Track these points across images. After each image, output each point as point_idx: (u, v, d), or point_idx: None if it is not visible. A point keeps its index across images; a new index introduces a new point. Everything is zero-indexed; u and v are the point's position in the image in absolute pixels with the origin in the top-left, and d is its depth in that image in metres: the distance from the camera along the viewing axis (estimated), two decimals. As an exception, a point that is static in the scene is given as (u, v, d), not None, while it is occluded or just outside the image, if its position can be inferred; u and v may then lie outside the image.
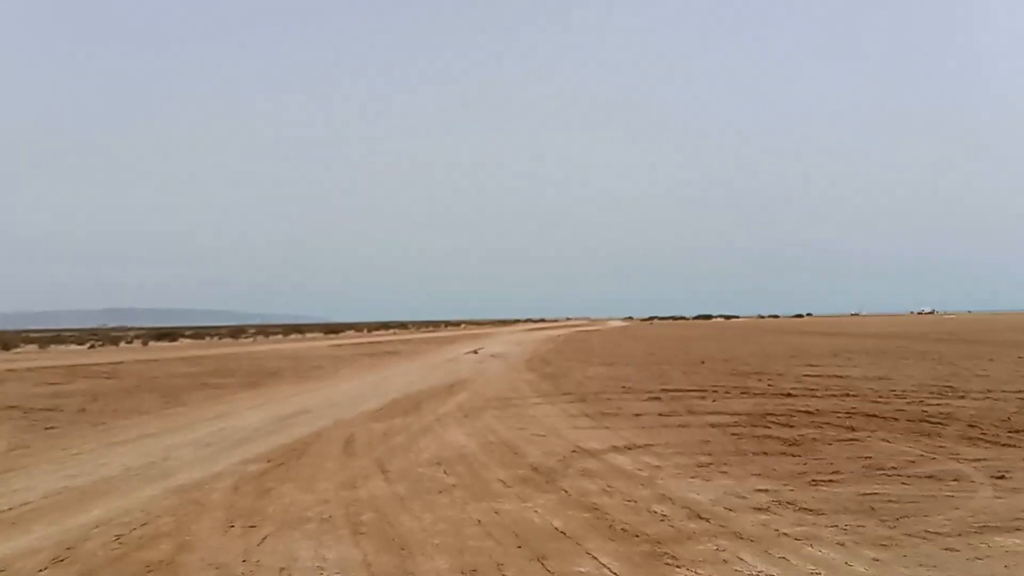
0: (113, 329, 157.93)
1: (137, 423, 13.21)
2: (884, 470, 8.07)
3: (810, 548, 5.44)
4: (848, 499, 6.87)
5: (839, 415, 12.13)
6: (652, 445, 9.83)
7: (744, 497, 7.02)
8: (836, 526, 5.98)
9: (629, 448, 9.66)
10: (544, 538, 5.85)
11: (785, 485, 7.47)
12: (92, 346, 58.88)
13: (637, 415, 12.69)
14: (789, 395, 15.02)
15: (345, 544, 5.76)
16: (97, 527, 6.37)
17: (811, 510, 6.50)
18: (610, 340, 51.63)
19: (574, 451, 9.52)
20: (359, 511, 6.78)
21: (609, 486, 7.58)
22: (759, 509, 6.58)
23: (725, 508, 6.63)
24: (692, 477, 7.91)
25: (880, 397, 14.40)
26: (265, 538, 5.93)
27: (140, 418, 13.85)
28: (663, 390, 16.47)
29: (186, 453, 10.05)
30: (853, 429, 10.80)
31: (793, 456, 8.94)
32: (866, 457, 8.77)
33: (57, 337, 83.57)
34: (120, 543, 5.89)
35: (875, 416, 11.93)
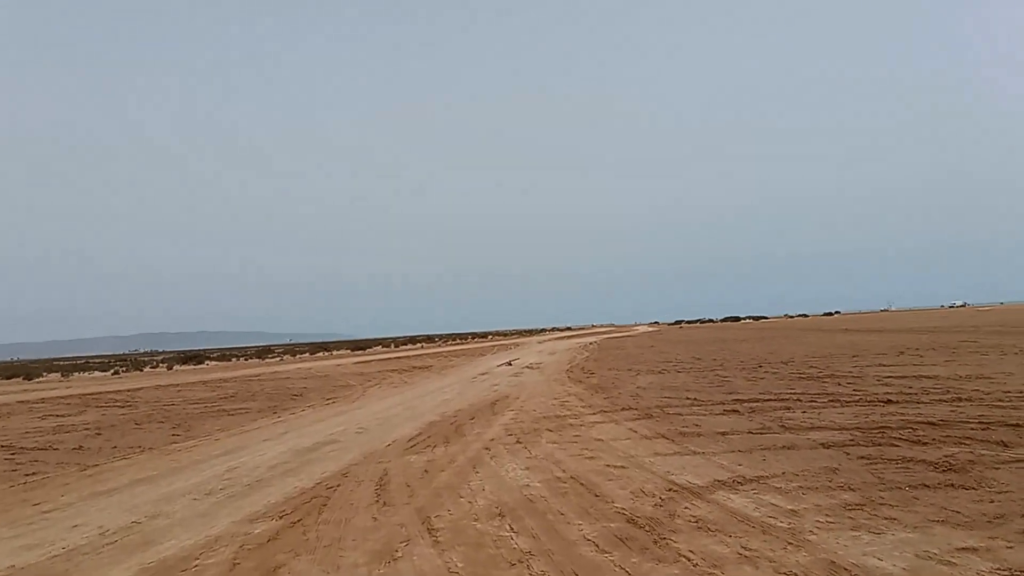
0: (143, 354, 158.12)
1: (135, 464, 11.31)
2: (1111, 507, 5.91)
3: None
4: (1112, 563, 4.72)
5: (972, 426, 9.91)
6: (766, 477, 7.72)
7: (951, 562, 4.90)
8: None
9: (739, 483, 7.55)
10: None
11: (993, 538, 5.32)
12: (116, 372, 57.62)
13: (723, 434, 10.58)
14: (889, 402, 12.78)
15: None
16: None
17: (1075, 587, 4.36)
18: (646, 346, 49.15)
19: (671, 489, 7.42)
20: (403, 605, 4.76)
21: (745, 547, 5.48)
22: (995, 588, 4.46)
23: (943, 587, 4.52)
24: (853, 529, 5.77)
25: (1000, 401, 12.12)
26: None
27: (140, 457, 11.95)
28: (736, 400, 14.30)
29: (181, 506, 8.08)
30: (1006, 445, 8.60)
31: (964, 488, 6.78)
32: (1065, 487, 6.60)
33: (84, 364, 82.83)
34: None
35: (1021, 426, 9.72)
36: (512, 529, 6.33)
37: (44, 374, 57.15)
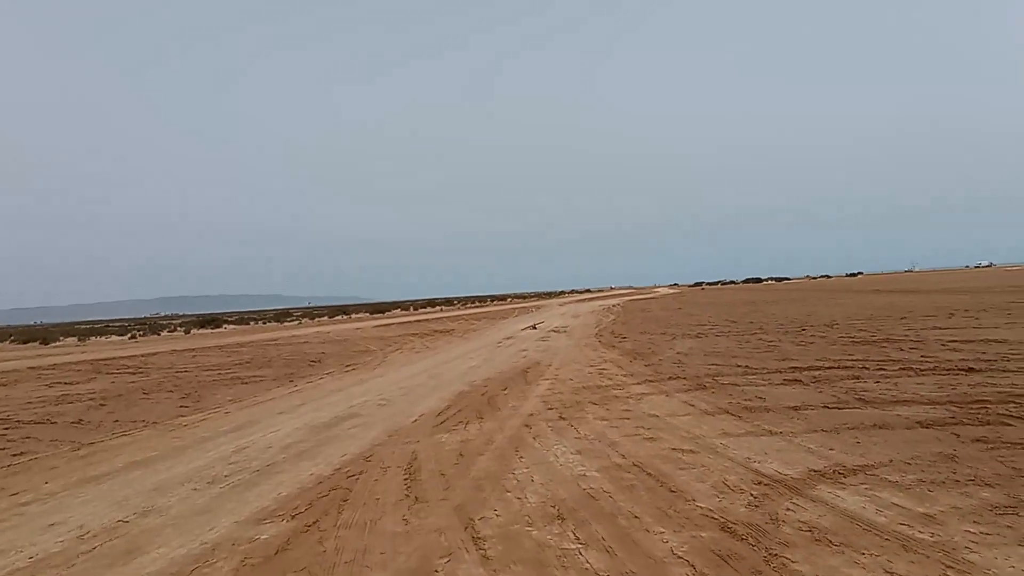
0: (163, 317, 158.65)
1: (135, 441, 10.19)
2: None
3: None
4: None
5: (1087, 400, 8.59)
6: (871, 466, 6.43)
7: None
8: None
9: (841, 473, 6.26)
10: None
11: None
12: (133, 336, 57.08)
13: (794, 408, 9.29)
14: (971, 370, 11.40)
15: None
16: None
17: None
18: (672, 308, 47.68)
19: (760, 483, 6.15)
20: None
21: (889, 572, 4.22)
22: None
23: None
24: (1022, 544, 4.51)
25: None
26: None
27: (141, 434, 10.82)
28: (793, 368, 12.97)
29: (178, 499, 6.89)
30: None
31: None
32: None
33: (103, 328, 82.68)
34: None
35: None
36: (578, 539, 5.08)
37: (61, 339, 56.68)
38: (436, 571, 4.66)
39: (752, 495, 5.79)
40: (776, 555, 4.56)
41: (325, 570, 4.80)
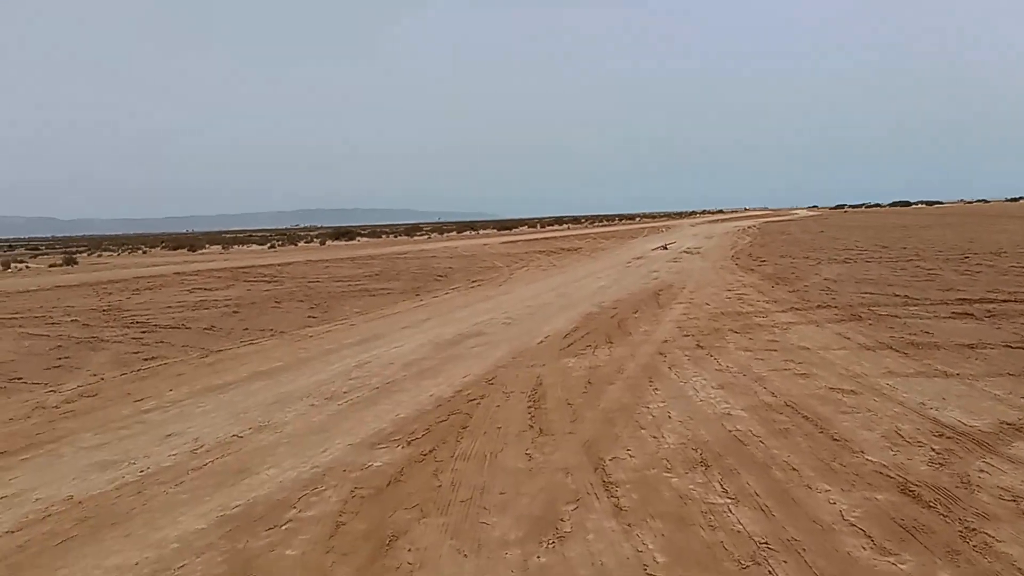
0: (301, 229, 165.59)
1: (261, 351, 10.18)
2: None
3: None
4: None
5: None
6: (1080, 422, 5.39)
7: None
8: None
9: (1044, 428, 5.27)
10: None
11: None
12: (272, 246, 59.45)
13: (970, 347, 8.14)
14: None
15: None
16: None
17: None
18: (814, 231, 44.90)
19: (941, 434, 5.22)
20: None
21: None
22: None
23: None
24: None
25: None
26: None
27: (268, 343, 10.83)
28: (961, 300, 11.57)
29: (295, 415, 6.65)
30: None
31: None
32: None
33: (246, 237, 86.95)
34: None
35: None
36: (725, 491, 4.40)
37: (207, 246, 59.82)
38: (562, 520, 4.11)
39: (934, 449, 4.91)
40: (975, 530, 3.73)
41: (439, 508, 4.34)
